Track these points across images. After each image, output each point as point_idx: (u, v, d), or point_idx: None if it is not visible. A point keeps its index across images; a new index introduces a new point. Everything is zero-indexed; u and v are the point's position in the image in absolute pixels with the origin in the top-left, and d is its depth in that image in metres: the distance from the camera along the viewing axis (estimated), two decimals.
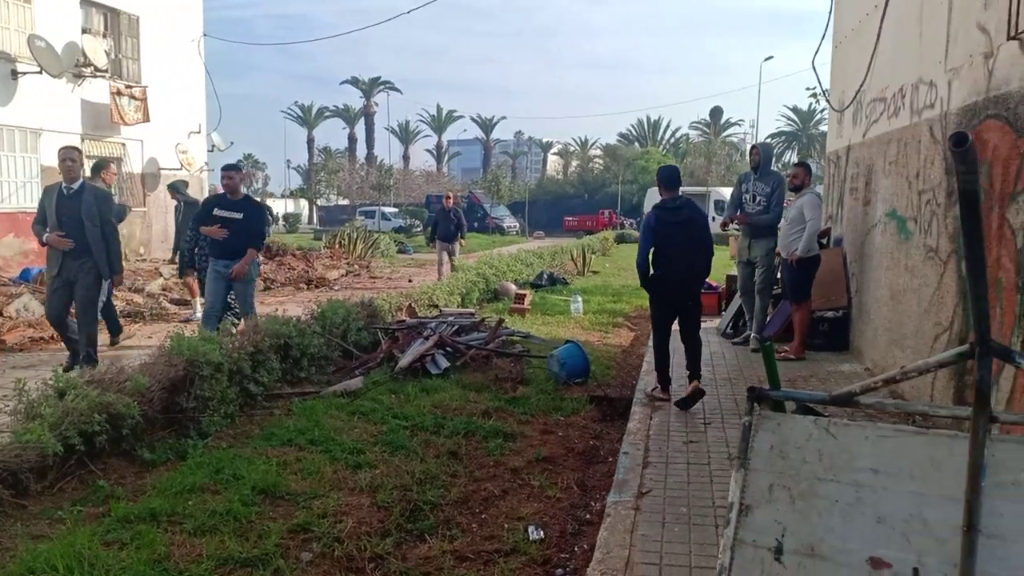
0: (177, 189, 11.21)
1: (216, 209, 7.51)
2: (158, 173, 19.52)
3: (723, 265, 17.28)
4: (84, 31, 16.97)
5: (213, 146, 21.95)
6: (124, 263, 15.65)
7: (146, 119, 18.23)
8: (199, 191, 21.55)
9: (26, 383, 4.41)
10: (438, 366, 6.86)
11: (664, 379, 6.06)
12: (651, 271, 5.96)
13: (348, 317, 7.38)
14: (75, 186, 6.91)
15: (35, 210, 15.21)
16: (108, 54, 17.52)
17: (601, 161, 62.99)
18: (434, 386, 6.42)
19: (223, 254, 7.40)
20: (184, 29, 20.09)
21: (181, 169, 20.08)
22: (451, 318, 8.20)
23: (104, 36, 17.77)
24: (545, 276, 14.65)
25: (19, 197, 15.52)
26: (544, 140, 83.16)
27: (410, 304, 8.75)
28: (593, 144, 71.40)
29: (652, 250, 5.96)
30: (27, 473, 3.79)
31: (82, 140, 17.02)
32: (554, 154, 79.60)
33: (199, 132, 21.01)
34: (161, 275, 13.33)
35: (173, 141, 19.66)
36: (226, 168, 7.80)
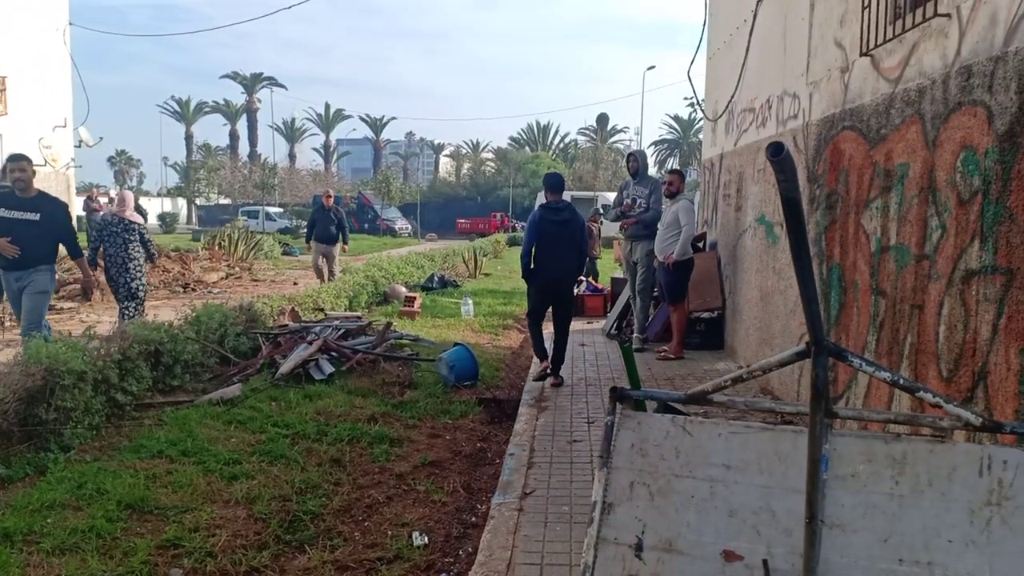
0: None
1: (2, 210, 6.36)
2: None
3: (609, 268, 17.77)
4: None
5: (80, 141, 20.64)
6: None
7: (4, 112, 16.99)
8: (65, 190, 20.26)
9: None
10: (322, 371, 6.71)
11: (541, 352, 6.78)
12: (532, 265, 6.63)
13: (225, 322, 7.10)
14: None
15: None
16: None
17: (493, 164, 63.41)
18: (318, 392, 6.28)
19: (17, 264, 6.36)
20: (48, 17, 18.84)
21: (45, 165, 18.80)
22: (337, 322, 8.04)
23: None
24: (436, 279, 14.59)
25: None
26: (436, 142, 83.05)
27: (293, 308, 8.51)
28: (485, 147, 71.80)
29: (534, 245, 6.57)
30: None
31: None
32: (446, 156, 79.56)
33: (64, 126, 19.72)
34: None
35: (36, 135, 18.38)
36: (13, 159, 6.52)
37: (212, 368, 6.80)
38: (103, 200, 27.19)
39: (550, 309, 6.81)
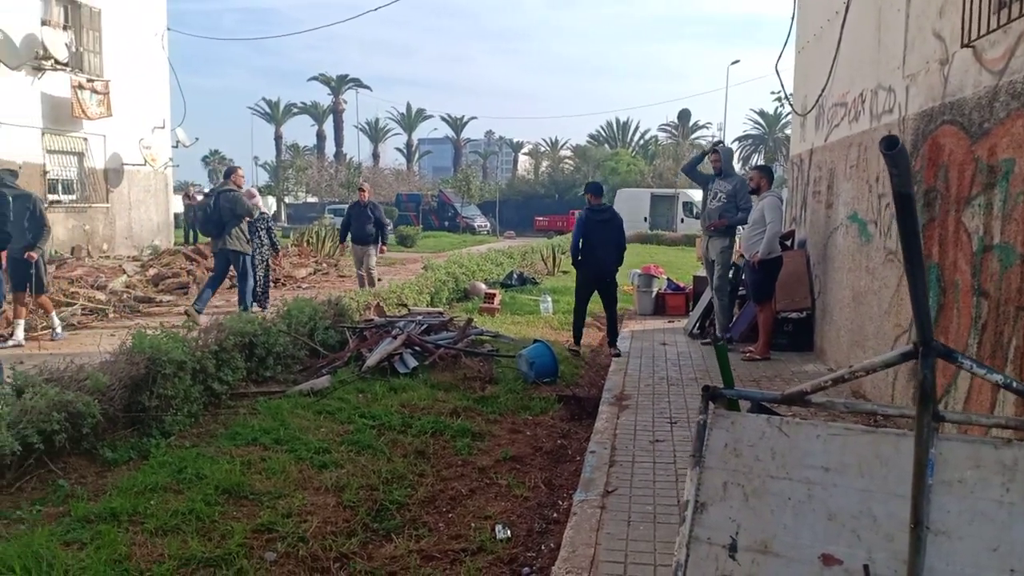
0: (5, 180, 8.36)
1: None
2: (121, 169, 19.20)
3: (691, 266, 17.48)
4: (43, 23, 16.61)
5: (178, 142, 21.62)
6: (87, 260, 15.41)
7: (108, 113, 17.91)
8: (163, 187, 21.27)
9: None
10: (406, 365, 6.84)
11: (578, 333, 8.32)
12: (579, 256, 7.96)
13: (315, 316, 7.33)
14: None
15: None
16: (69, 47, 17.18)
17: (571, 162, 63.16)
18: (402, 385, 6.41)
19: None
20: (148, 23, 19.79)
21: (144, 164, 19.78)
22: (420, 317, 8.19)
23: (65, 28, 17.41)
24: (515, 276, 14.66)
25: None
26: (515, 140, 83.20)
27: (378, 303, 8.71)
28: (563, 145, 71.57)
29: (581, 240, 7.84)
30: None
31: (42, 134, 16.69)
32: (524, 154, 79.67)
33: (163, 127, 20.69)
34: (125, 272, 13.11)
35: (136, 136, 19.36)
36: None
37: (302, 360, 7.03)
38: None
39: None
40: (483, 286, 12.64)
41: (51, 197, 17.14)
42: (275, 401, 5.81)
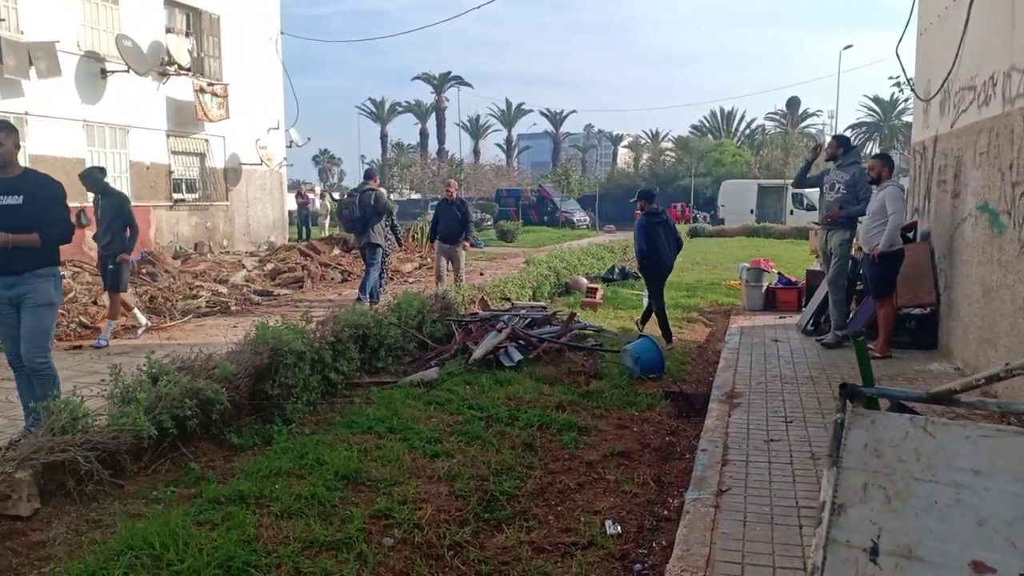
0: (92, 178, 8.40)
1: None
2: (239, 168, 20.18)
3: (802, 260, 16.87)
4: (168, 31, 17.65)
5: (291, 142, 22.53)
6: (209, 255, 16.25)
7: (227, 116, 18.87)
8: (278, 186, 22.23)
9: (121, 368, 4.64)
10: (511, 359, 6.91)
11: (667, 333, 8.56)
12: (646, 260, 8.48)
13: (423, 309, 7.51)
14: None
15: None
16: (191, 53, 18.18)
17: (673, 154, 62.03)
18: (507, 378, 6.48)
19: (7, 265, 4.65)
20: (262, 28, 20.70)
21: (261, 164, 20.71)
22: (523, 311, 8.24)
23: (187, 35, 18.44)
24: (616, 270, 14.55)
25: None
26: (614, 133, 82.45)
27: (482, 297, 8.83)
28: (664, 136, 70.43)
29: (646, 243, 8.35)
30: (124, 454, 4.00)
31: (167, 136, 17.74)
32: (624, 147, 78.83)
33: (277, 128, 21.61)
34: (244, 267, 13.79)
35: (253, 137, 20.29)
36: None
37: (411, 352, 7.22)
38: (311, 196, 29.60)
39: None
40: (585, 280, 12.60)
41: (176, 196, 18.21)
42: (387, 391, 5.98)
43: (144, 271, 12.11)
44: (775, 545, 3.40)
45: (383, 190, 11.21)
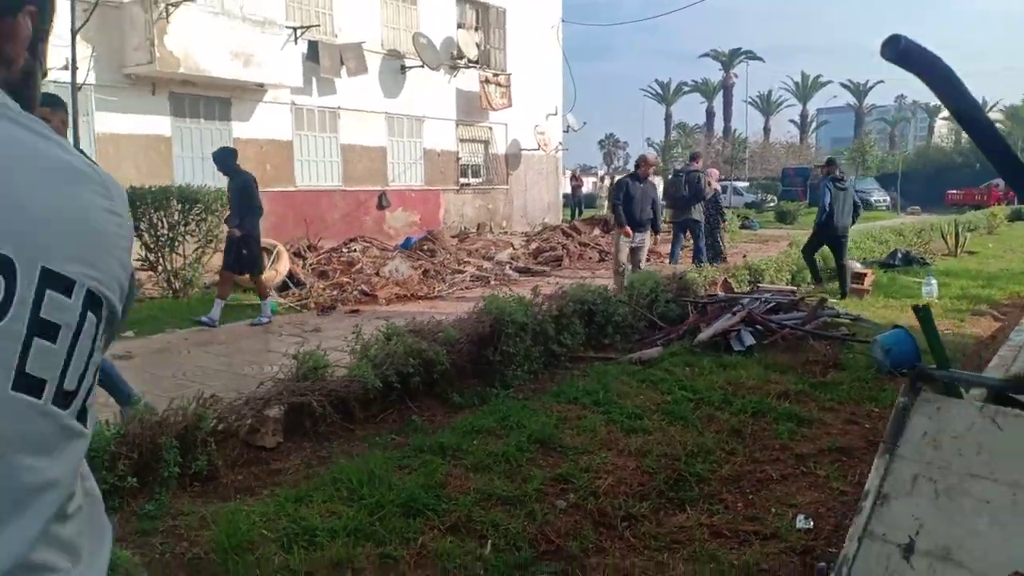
0: (224, 160, 8.36)
1: None
2: (519, 154, 21.37)
3: None
4: (459, 26, 19.14)
5: (568, 126, 23.33)
6: (489, 235, 17.50)
7: (509, 104, 20.04)
8: (553, 170, 23.17)
9: (361, 329, 5.30)
10: (742, 343, 6.66)
11: (818, 275, 10.52)
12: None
13: (656, 288, 7.49)
14: None
15: (420, 187, 17.81)
16: (478, 46, 19.55)
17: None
18: (733, 362, 6.26)
19: None
20: (545, 16, 21.60)
21: (538, 149, 21.74)
22: (768, 295, 7.86)
23: (475, 30, 19.85)
24: (899, 255, 13.16)
25: (407, 176, 18.17)
26: (931, 104, 73.43)
27: (726, 279, 8.56)
28: (992, 107, 61.27)
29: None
30: (354, 402, 4.59)
31: (456, 126, 19.32)
32: (943, 119, 69.94)
33: (555, 114, 22.48)
34: (511, 246, 14.69)
35: (532, 123, 21.34)
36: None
37: (641, 331, 7.26)
38: (583, 179, 30.48)
39: None
40: (858, 265, 11.58)
41: (462, 180, 19.81)
42: (604, 367, 6.11)
43: (425, 247, 13.42)
44: None
45: (714, 170, 13.17)
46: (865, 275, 10.37)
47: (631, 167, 10.57)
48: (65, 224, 0.79)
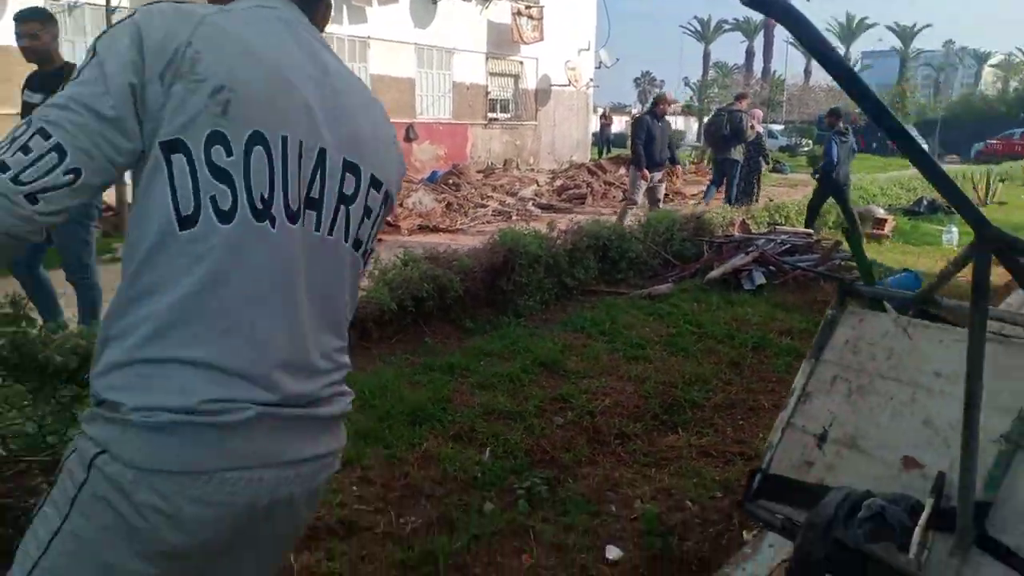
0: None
1: (26, 93, 4.31)
2: (549, 89, 21.19)
3: None
4: None
5: (600, 62, 23.01)
6: (516, 171, 17.53)
7: (541, 38, 19.79)
8: (583, 106, 22.98)
9: (380, 254, 5.53)
10: (752, 282, 6.81)
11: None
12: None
13: (672, 227, 7.62)
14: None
15: (448, 120, 17.64)
16: None
17: None
18: (741, 300, 6.43)
19: None
20: None
21: (568, 85, 21.53)
22: (783, 236, 7.96)
23: None
24: (924, 203, 13.08)
25: (435, 109, 18.19)
26: (982, 50, 70.90)
27: (743, 220, 8.64)
28: None
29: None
30: (370, 323, 4.85)
31: (486, 59, 19.18)
32: (992, 66, 67.59)
33: (588, 49, 22.17)
34: (536, 183, 14.77)
35: (563, 58, 21.10)
36: (21, 17, 4.14)
37: (655, 268, 7.42)
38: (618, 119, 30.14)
39: None
40: (881, 211, 11.56)
41: (491, 115, 19.76)
42: (614, 300, 6.31)
43: (450, 181, 13.56)
44: None
45: (758, 111, 12.58)
46: (885, 220, 10.38)
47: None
48: (379, 143, 1.26)
